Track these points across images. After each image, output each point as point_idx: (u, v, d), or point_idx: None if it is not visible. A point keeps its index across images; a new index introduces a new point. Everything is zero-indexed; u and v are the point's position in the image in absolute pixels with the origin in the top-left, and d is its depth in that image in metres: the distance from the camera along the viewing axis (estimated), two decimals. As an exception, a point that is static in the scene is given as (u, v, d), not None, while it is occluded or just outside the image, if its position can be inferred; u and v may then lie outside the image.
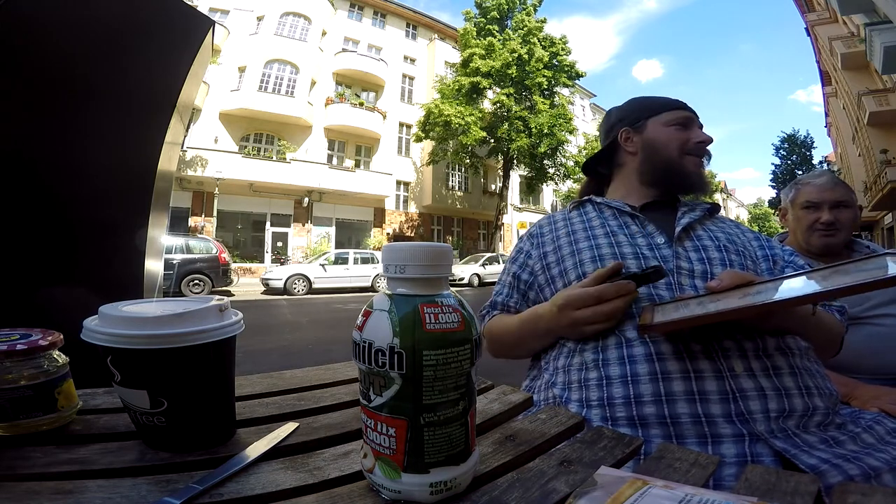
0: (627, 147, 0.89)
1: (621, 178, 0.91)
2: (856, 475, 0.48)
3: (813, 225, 1.21)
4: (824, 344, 0.72)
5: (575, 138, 18.87)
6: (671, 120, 0.85)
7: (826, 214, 1.20)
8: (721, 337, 0.62)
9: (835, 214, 1.20)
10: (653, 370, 0.60)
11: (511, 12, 17.64)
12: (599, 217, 0.83)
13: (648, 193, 0.86)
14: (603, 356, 0.64)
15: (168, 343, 0.38)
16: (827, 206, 1.21)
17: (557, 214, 0.90)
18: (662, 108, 0.87)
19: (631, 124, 0.88)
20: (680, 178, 0.83)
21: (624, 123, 0.89)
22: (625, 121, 0.90)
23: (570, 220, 0.85)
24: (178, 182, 13.48)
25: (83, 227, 1.18)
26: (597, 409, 0.60)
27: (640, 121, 0.87)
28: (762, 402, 0.56)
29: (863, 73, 13.80)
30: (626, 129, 0.89)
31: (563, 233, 0.83)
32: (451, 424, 0.33)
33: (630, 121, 0.89)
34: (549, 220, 0.89)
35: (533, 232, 0.88)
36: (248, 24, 16.01)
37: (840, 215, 1.20)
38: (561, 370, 0.68)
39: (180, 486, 0.34)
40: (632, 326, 0.65)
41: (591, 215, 0.84)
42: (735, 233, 0.81)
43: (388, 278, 0.35)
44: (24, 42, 1.04)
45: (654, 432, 0.56)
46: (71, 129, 1.17)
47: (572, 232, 0.82)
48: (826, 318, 0.73)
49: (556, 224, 0.87)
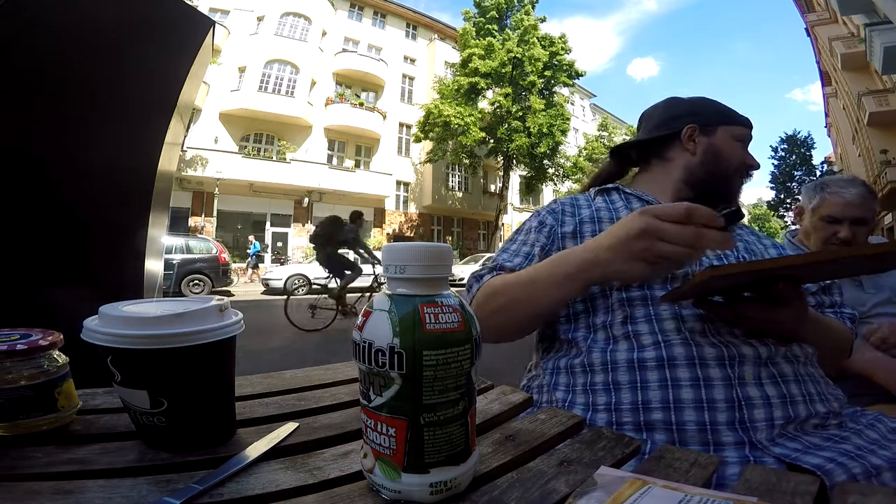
0: (688, 144, 0.83)
1: (662, 171, 0.85)
2: (858, 473, 0.48)
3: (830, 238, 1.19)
4: (834, 350, 0.71)
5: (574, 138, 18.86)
6: (739, 135, 0.82)
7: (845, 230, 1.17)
8: (740, 343, 0.61)
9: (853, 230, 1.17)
10: (663, 377, 0.59)
11: (510, 11, 17.64)
12: (627, 208, 0.78)
13: (683, 195, 0.81)
14: (611, 358, 0.62)
15: (168, 343, 0.38)
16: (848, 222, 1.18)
17: (580, 197, 0.85)
18: (736, 120, 0.83)
19: (702, 124, 0.83)
20: (725, 193, 0.79)
21: (694, 119, 0.84)
22: (696, 117, 0.84)
23: (595, 205, 0.81)
24: (178, 182, 13.48)
25: (83, 227, 1.18)
26: (603, 414, 0.60)
27: (713, 124, 0.83)
28: (766, 410, 0.56)
29: (863, 74, 13.80)
30: (694, 127, 0.83)
31: (587, 216, 0.78)
32: (451, 424, 0.33)
33: (702, 120, 0.83)
34: (571, 201, 0.84)
35: (555, 208, 0.82)
36: (248, 24, 16.02)
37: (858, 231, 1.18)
38: (563, 371, 0.67)
39: (180, 486, 0.33)
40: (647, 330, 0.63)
41: (617, 204, 0.80)
42: (752, 240, 0.81)
43: (388, 278, 0.35)
44: (25, 43, 1.04)
45: (659, 437, 0.56)
46: (71, 130, 1.17)
47: (598, 219, 0.77)
48: (836, 325, 0.72)
49: (578, 204, 0.82)
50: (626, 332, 0.64)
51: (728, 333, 0.63)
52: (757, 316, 0.60)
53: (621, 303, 0.67)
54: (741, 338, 0.62)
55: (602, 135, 23.16)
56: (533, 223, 0.81)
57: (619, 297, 0.67)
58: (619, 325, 0.65)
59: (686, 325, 0.63)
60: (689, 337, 0.61)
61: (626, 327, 0.64)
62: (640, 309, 0.66)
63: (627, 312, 0.66)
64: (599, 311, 0.68)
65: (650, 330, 0.63)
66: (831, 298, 0.80)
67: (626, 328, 0.64)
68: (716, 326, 0.63)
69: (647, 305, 0.66)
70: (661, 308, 0.65)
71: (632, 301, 0.66)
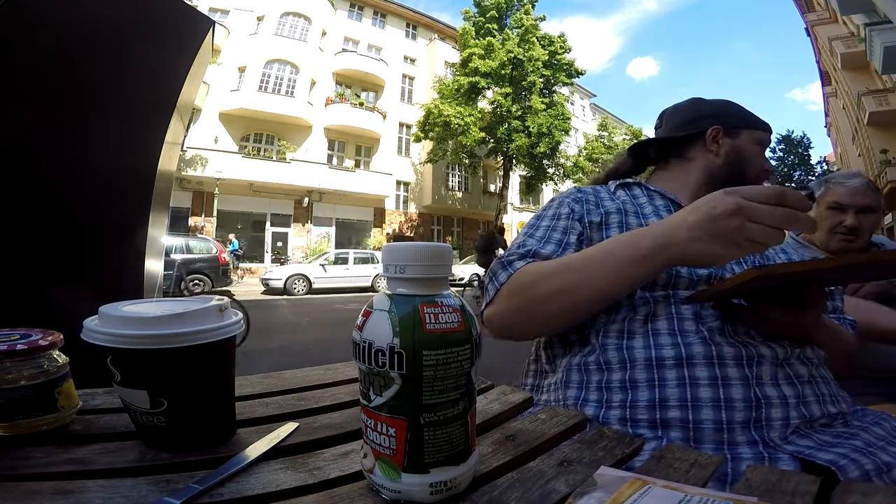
0: (711, 145, 0.83)
1: (681, 170, 0.85)
2: (870, 469, 0.48)
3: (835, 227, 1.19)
4: (840, 355, 0.71)
5: (574, 138, 18.87)
6: (761, 139, 0.83)
7: (850, 218, 1.18)
8: (758, 343, 0.61)
9: (859, 219, 1.18)
10: (681, 375, 0.59)
11: (509, 11, 17.64)
12: (651, 204, 0.77)
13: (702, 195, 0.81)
14: (629, 356, 0.62)
15: (168, 343, 0.38)
16: (853, 209, 1.18)
17: (601, 188, 0.84)
18: (759, 125, 0.84)
19: (727, 126, 0.83)
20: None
21: (719, 120, 0.84)
22: (720, 119, 0.84)
23: (619, 198, 0.80)
24: (178, 182, 13.48)
25: (83, 227, 1.18)
26: (617, 410, 0.59)
27: (738, 127, 0.83)
28: (783, 410, 0.56)
29: (863, 73, 13.80)
30: (719, 128, 0.83)
31: (613, 208, 0.76)
32: (451, 424, 0.33)
33: (727, 122, 0.84)
34: (592, 190, 0.82)
35: (580, 197, 0.79)
36: (248, 24, 16.01)
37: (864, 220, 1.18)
38: (576, 368, 0.66)
39: (180, 486, 0.34)
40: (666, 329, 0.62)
41: (640, 200, 0.79)
42: None
43: (388, 278, 0.35)
44: (25, 43, 1.04)
45: (675, 435, 0.56)
46: (71, 130, 1.17)
47: (624, 212, 0.75)
48: (841, 329, 0.73)
49: (599, 196, 0.80)
50: (646, 331, 0.64)
51: (745, 334, 0.63)
52: (781, 319, 0.60)
53: (644, 300, 0.66)
54: (758, 338, 0.62)
55: (602, 135, 23.17)
56: (562, 210, 0.77)
57: (642, 295, 0.67)
58: (640, 323, 0.65)
59: (705, 324, 0.63)
60: (707, 336, 0.61)
61: (647, 326, 0.64)
62: (662, 307, 0.65)
63: (651, 310, 0.65)
64: (623, 308, 0.67)
65: (669, 329, 0.63)
66: (833, 304, 0.80)
67: (647, 326, 0.64)
68: (733, 326, 0.63)
69: (670, 304, 0.66)
70: (683, 307, 0.65)
71: (656, 299, 0.66)
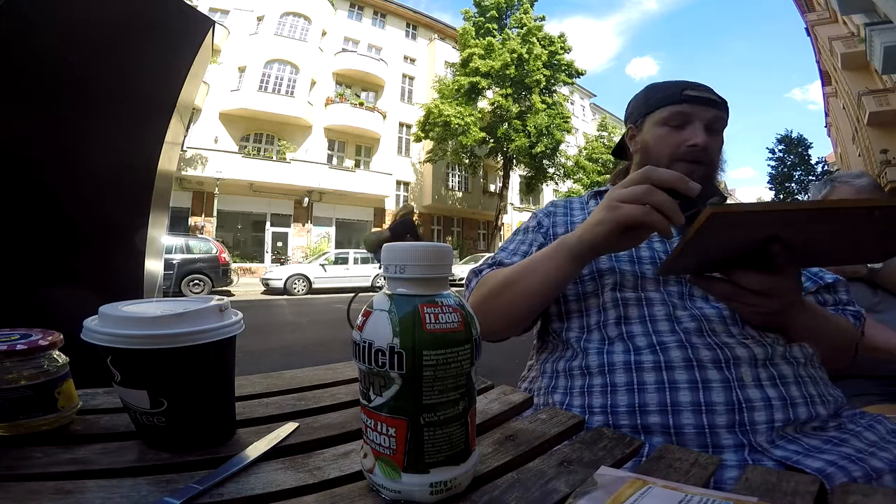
0: (632, 145, 0.82)
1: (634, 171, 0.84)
2: (859, 477, 0.47)
3: None
4: (838, 349, 0.68)
5: (574, 138, 18.86)
6: (664, 118, 0.74)
7: None
8: (733, 345, 0.60)
9: None
10: (660, 379, 0.58)
11: (509, 11, 17.64)
12: None
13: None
14: (608, 360, 0.62)
15: (168, 343, 0.38)
16: None
17: (574, 200, 0.85)
18: (657, 103, 0.76)
19: (635, 122, 0.80)
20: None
21: (630, 120, 0.82)
22: (631, 116, 0.82)
23: (588, 208, 0.80)
24: (178, 182, 13.48)
25: (83, 227, 1.18)
26: (599, 416, 0.59)
27: (642, 117, 0.78)
28: (767, 412, 0.56)
29: (863, 73, 13.79)
30: (631, 127, 0.82)
31: (580, 220, 0.77)
32: (451, 424, 0.33)
33: (634, 117, 0.81)
34: (565, 203, 0.85)
35: (550, 210, 0.84)
36: (248, 24, 16.01)
37: None
38: (562, 374, 0.66)
39: (180, 486, 0.34)
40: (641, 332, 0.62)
41: None
42: None
43: (387, 278, 0.35)
44: (24, 43, 1.04)
45: (657, 440, 0.56)
46: (71, 130, 1.17)
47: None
48: (839, 321, 0.70)
49: (571, 207, 0.82)
50: (621, 334, 0.64)
51: (724, 333, 0.62)
52: (755, 286, 0.56)
53: (615, 303, 0.66)
54: (737, 338, 0.61)
55: (602, 134, 23.18)
56: (531, 223, 0.84)
57: (612, 296, 0.67)
58: (613, 326, 0.65)
59: (681, 325, 0.62)
60: (683, 339, 0.61)
61: (621, 328, 0.64)
62: (633, 309, 0.65)
63: (621, 313, 0.65)
64: (592, 311, 0.68)
65: (644, 331, 0.63)
66: (835, 297, 0.77)
67: (621, 329, 0.64)
68: (711, 326, 0.62)
69: (642, 306, 0.65)
70: (655, 309, 0.65)
71: (626, 301, 0.66)
